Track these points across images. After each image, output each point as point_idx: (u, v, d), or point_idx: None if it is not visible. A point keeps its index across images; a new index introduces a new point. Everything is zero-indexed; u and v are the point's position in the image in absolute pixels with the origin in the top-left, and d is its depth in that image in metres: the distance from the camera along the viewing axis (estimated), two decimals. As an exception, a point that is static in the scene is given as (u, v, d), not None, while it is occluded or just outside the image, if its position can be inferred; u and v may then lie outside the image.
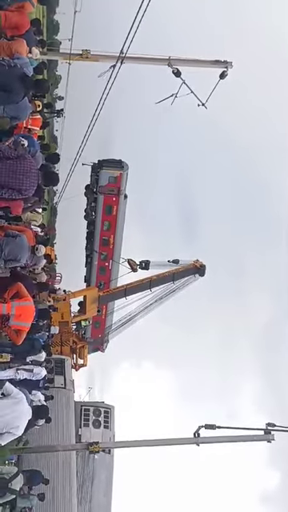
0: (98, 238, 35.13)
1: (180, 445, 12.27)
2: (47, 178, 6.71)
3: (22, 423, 6.47)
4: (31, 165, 6.32)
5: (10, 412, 6.31)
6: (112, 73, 10.73)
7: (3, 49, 8.03)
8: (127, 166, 34.61)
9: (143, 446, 12.07)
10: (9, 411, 6.29)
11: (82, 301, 28.73)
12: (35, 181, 6.32)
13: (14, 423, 6.29)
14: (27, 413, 6.65)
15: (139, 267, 29.30)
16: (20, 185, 6.18)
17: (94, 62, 15.69)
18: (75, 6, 16.12)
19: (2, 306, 7.21)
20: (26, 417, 6.60)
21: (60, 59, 17.21)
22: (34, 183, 6.31)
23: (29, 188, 6.28)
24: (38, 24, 11.15)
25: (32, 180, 6.30)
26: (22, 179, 6.17)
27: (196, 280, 30.31)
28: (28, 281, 8.43)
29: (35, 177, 6.31)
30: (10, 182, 6.13)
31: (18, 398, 6.51)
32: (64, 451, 19.20)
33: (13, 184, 6.14)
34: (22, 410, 6.49)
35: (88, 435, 25.81)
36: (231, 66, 15.42)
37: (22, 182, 6.19)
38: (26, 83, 6.44)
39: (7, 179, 6.11)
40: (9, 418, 6.24)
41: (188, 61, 15.78)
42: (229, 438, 12.26)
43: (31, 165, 6.32)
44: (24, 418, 6.53)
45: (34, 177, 6.30)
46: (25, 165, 6.24)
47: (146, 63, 15.98)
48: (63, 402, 23.15)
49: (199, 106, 16.13)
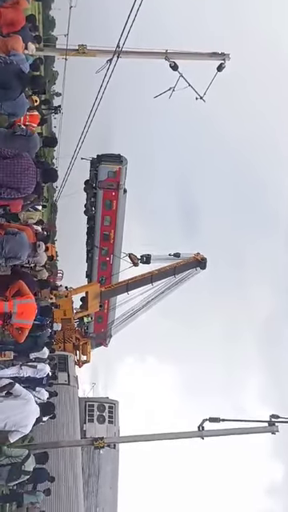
0: (99, 233, 35.12)
1: (184, 438, 12.31)
2: (46, 175, 6.69)
3: (30, 422, 6.89)
4: (29, 163, 6.28)
5: (19, 412, 6.73)
6: (109, 67, 10.66)
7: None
8: (126, 161, 34.53)
9: (148, 441, 12.10)
10: (18, 411, 6.73)
11: (84, 296, 28.72)
12: (34, 178, 6.29)
13: (23, 422, 6.72)
14: (35, 412, 7.06)
15: (140, 261, 29.31)
16: (19, 183, 6.15)
17: (90, 57, 15.60)
18: (70, 2, 16.03)
19: (4, 304, 7.19)
20: (33, 416, 7.00)
21: (56, 55, 17.11)
22: (32, 181, 6.29)
23: (28, 186, 6.25)
24: (33, 20, 11.08)
25: (30, 178, 6.27)
26: (20, 178, 6.14)
27: (197, 273, 30.31)
28: (29, 278, 8.41)
29: (33, 174, 6.28)
30: (8, 181, 6.10)
31: (26, 399, 6.94)
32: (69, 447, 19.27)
33: (11, 183, 6.11)
34: (30, 409, 6.92)
35: (93, 430, 25.93)
36: (228, 59, 15.33)
37: (20, 180, 6.16)
38: (22, 80, 6.40)
39: (5, 178, 6.08)
40: (18, 418, 6.68)
41: (185, 54, 15.69)
42: (233, 431, 12.29)
43: (29, 163, 6.28)
44: (32, 417, 6.95)
45: (33, 174, 6.27)
46: (22, 163, 6.21)
47: (143, 57, 15.89)
48: (67, 399, 23.24)
49: (197, 99, 16.06)
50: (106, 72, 10.59)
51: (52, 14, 67.31)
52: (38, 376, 11.21)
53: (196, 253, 30.41)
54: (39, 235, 9.59)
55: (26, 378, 10.60)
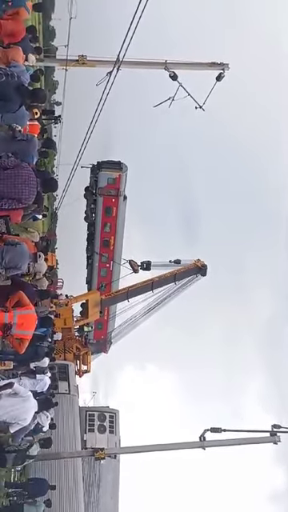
0: (99, 240, 35.13)
1: (186, 449, 12.24)
2: (46, 185, 6.70)
3: (29, 416, 7.70)
4: (29, 173, 6.29)
5: (19, 408, 7.48)
6: (109, 80, 10.72)
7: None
8: (126, 167, 34.62)
9: (149, 451, 12.04)
10: (18, 407, 7.48)
11: (84, 302, 28.65)
12: (34, 188, 6.30)
13: (22, 416, 7.51)
14: (33, 407, 7.86)
15: (140, 268, 29.22)
16: (20, 194, 6.16)
17: (90, 67, 15.74)
18: (71, 13, 16.13)
19: (4, 314, 7.16)
20: (32, 411, 7.81)
21: (57, 65, 17.26)
22: (33, 191, 6.29)
23: (28, 197, 6.26)
24: (33, 31, 11.18)
25: (31, 188, 6.27)
26: (21, 188, 6.15)
27: (198, 280, 30.22)
28: (29, 289, 8.38)
29: (34, 185, 6.29)
30: (9, 192, 6.11)
31: (25, 397, 7.67)
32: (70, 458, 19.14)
33: (12, 194, 6.11)
34: (29, 405, 7.71)
35: (93, 440, 25.76)
36: (228, 68, 15.46)
37: (21, 191, 6.17)
38: (22, 92, 6.43)
39: (6, 189, 6.09)
40: (18, 412, 7.45)
41: (184, 64, 15.82)
42: (235, 441, 12.24)
43: (29, 173, 6.29)
44: (31, 411, 7.75)
45: (33, 185, 6.28)
46: (23, 174, 6.22)
47: (143, 67, 16.03)
48: (68, 408, 23.12)
49: (197, 108, 16.16)
50: (106, 84, 10.64)
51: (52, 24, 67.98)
52: (38, 388, 11.13)
53: (196, 259, 30.34)
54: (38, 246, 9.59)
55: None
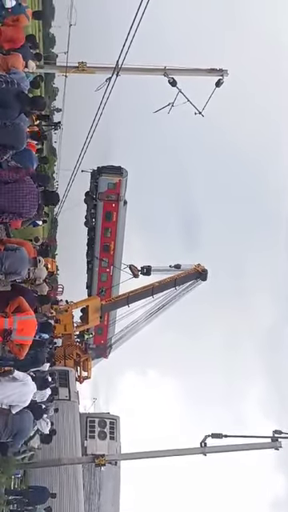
0: (99, 245, 35.14)
1: (187, 455, 12.18)
2: (47, 199, 6.74)
3: (29, 398, 8.13)
4: (31, 187, 6.33)
5: (19, 391, 7.88)
6: (108, 85, 10.77)
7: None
8: (126, 173, 34.69)
9: (150, 458, 11.98)
10: (18, 390, 7.88)
11: (85, 307, 28.60)
12: (35, 202, 6.35)
13: (22, 398, 7.94)
14: (32, 390, 8.31)
15: (141, 273, 29.19)
16: (20, 208, 6.20)
17: (90, 74, 15.80)
18: (70, 20, 16.25)
19: (4, 320, 7.15)
20: (31, 393, 8.26)
21: (57, 72, 17.34)
22: (34, 205, 6.35)
23: (29, 211, 6.32)
24: (33, 39, 11.22)
25: (32, 202, 6.33)
26: (22, 202, 6.20)
27: (198, 285, 30.20)
28: (29, 294, 8.37)
29: (35, 198, 6.33)
30: (10, 206, 6.15)
31: (24, 381, 8.02)
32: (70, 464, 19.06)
33: (13, 208, 6.15)
34: (29, 389, 8.15)
35: (94, 447, 25.63)
36: (227, 74, 15.52)
37: (22, 205, 6.22)
38: (21, 99, 6.46)
39: (7, 203, 6.12)
40: (18, 395, 7.87)
41: (183, 70, 15.89)
42: (236, 447, 12.19)
43: (31, 187, 6.33)
44: (30, 394, 8.20)
45: (35, 199, 6.32)
46: (24, 188, 6.27)
47: (142, 74, 16.09)
48: (68, 414, 23.02)
49: (196, 114, 16.22)
50: (106, 89, 10.69)
51: (52, 31, 68.32)
52: (38, 398, 11.09)
53: (196, 264, 30.33)
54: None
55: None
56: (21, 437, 9.15)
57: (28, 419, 9.65)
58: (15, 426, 9.04)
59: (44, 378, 11.18)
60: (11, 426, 8.91)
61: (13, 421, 9.13)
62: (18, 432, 9.03)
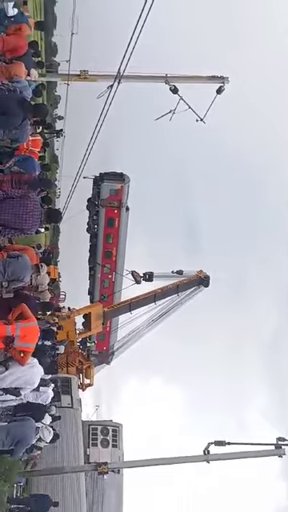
0: (101, 251, 35.14)
1: (190, 463, 12.11)
2: (50, 216, 6.80)
3: (37, 380, 8.22)
4: (34, 204, 6.39)
5: (28, 373, 7.92)
6: (110, 93, 10.84)
7: (2, 72, 8.14)
8: (128, 179, 34.76)
9: (152, 465, 11.91)
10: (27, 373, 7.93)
11: (87, 314, 28.56)
12: (38, 219, 6.42)
13: (31, 381, 8.01)
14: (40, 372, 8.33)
15: (143, 279, 29.16)
16: (23, 224, 6.27)
17: (92, 82, 15.91)
18: (72, 28, 16.40)
19: (7, 327, 7.15)
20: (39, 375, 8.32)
21: (59, 80, 17.46)
22: (36, 222, 6.42)
23: (31, 227, 6.39)
24: (36, 46, 11.33)
25: (35, 219, 6.42)
26: (25, 219, 6.28)
27: (200, 291, 30.16)
28: (32, 301, 8.39)
29: (38, 216, 6.40)
30: (12, 221, 6.20)
31: (32, 363, 8.02)
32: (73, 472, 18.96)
33: (15, 224, 6.22)
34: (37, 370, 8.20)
35: (96, 455, 25.49)
36: (228, 82, 15.61)
37: (25, 221, 6.29)
38: (24, 107, 6.51)
39: (10, 218, 6.18)
40: (27, 378, 7.90)
41: (185, 77, 15.98)
42: (239, 455, 12.12)
43: (34, 204, 6.39)
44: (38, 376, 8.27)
45: (38, 216, 6.39)
46: (28, 204, 6.32)
47: (144, 81, 16.19)
48: (71, 422, 22.93)
49: (198, 121, 16.28)
50: (107, 97, 10.75)
51: (54, 40, 68.90)
52: (40, 401, 11.06)
53: (199, 270, 30.30)
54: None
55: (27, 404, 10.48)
56: (22, 445, 9.12)
57: (30, 427, 9.62)
58: (17, 433, 9.02)
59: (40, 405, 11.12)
60: (13, 433, 8.89)
61: (15, 429, 9.11)
62: (20, 440, 9.01)
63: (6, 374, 7.30)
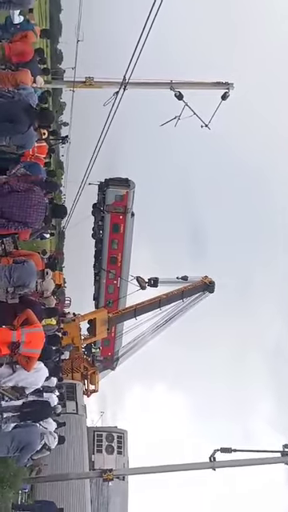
0: (106, 257, 35.13)
1: (196, 470, 12.03)
2: (55, 212, 6.78)
3: (41, 382, 8.42)
4: (39, 198, 6.37)
5: (32, 376, 8.05)
6: (115, 99, 10.89)
7: (8, 79, 8.20)
8: (134, 184, 34.79)
9: (158, 473, 11.83)
10: (31, 375, 8.05)
11: (92, 320, 28.54)
12: (43, 213, 6.38)
13: (35, 382, 8.15)
14: (45, 374, 8.53)
15: (148, 285, 29.13)
16: (26, 218, 6.22)
17: (97, 88, 16.00)
18: (78, 36, 16.53)
19: (12, 333, 7.16)
20: (44, 377, 8.50)
21: (64, 87, 17.56)
22: (41, 216, 6.38)
23: (35, 221, 6.33)
24: (41, 53, 11.40)
25: (39, 213, 6.37)
26: (29, 212, 6.23)
27: (206, 297, 30.08)
28: (37, 307, 8.39)
29: (43, 210, 6.36)
30: (16, 214, 6.18)
31: (37, 368, 8.14)
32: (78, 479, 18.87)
33: (19, 217, 6.17)
34: (42, 373, 8.36)
35: (101, 461, 25.36)
36: (233, 88, 15.65)
37: (29, 215, 6.25)
38: (30, 114, 6.54)
39: (14, 212, 6.15)
40: (32, 380, 8.05)
41: (189, 84, 16.03)
42: (245, 462, 12.02)
43: (39, 198, 6.37)
44: (43, 378, 8.44)
45: (42, 210, 6.35)
46: (33, 198, 6.30)
47: (149, 88, 16.25)
48: (76, 428, 22.85)
49: (202, 127, 16.31)
50: (113, 104, 10.81)
51: (59, 47, 69.41)
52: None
53: (204, 276, 30.24)
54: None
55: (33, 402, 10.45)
56: (27, 451, 9.09)
57: (35, 432, 9.60)
58: (22, 439, 9.00)
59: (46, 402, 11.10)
60: (18, 439, 8.87)
61: (19, 435, 9.09)
62: (25, 446, 8.99)
63: (14, 375, 7.41)
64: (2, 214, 6.10)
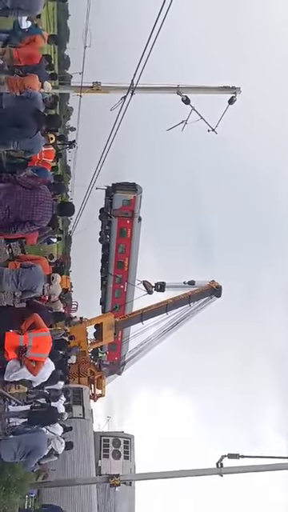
0: (113, 261, 35.15)
1: (203, 476, 11.93)
2: (62, 209, 6.71)
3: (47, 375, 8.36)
4: (46, 195, 6.31)
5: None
6: (123, 104, 10.92)
7: (16, 85, 8.25)
8: (141, 189, 34.81)
9: (165, 478, 11.75)
10: None
11: (99, 324, 28.51)
12: (49, 211, 6.30)
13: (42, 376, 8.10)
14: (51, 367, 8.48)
15: (154, 289, 29.09)
16: (33, 216, 6.14)
17: (104, 93, 16.05)
18: (85, 41, 16.60)
19: (20, 337, 7.17)
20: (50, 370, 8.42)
21: (71, 92, 17.63)
22: (47, 214, 6.29)
23: (42, 219, 6.23)
24: (49, 59, 11.45)
25: (46, 211, 6.27)
26: (35, 210, 6.13)
27: (213, 301, 29.96)
28: (44, 311, 8.40)
29: (49, 208, 6.29)
30: (23, 212, 6.11)
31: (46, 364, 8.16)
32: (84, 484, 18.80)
33: (26, 215, 6.10)
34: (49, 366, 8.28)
35: (108, 467, 25.26)
36: (239, 92, 15.63)
37: (35, 212, 6.16)
38: (38, 119, 6.54)
39: (20, 209, 6.09)
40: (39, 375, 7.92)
41: (196, 88, 16.03)
42: (253, 468, 11.92)
43: (46, 195, 6.31)
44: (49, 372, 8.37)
45: (49, 207, 6.28)
46: (39, 195, 6.24)
47: (156, 92, 16.27)
48: (82, 433, 22.77)
49: (209, 131, 16.30)
50: (121, 109, 10.83)
51: (67, 53, 69.84)
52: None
53: (211, 280, 30.13)
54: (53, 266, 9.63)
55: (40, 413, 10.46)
56: (34, 456, 9.08)
57: (42, 438, 9.59)
58: (29, 444, 8.99)
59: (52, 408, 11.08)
60: (24, 444, 8.86)
61: (26, 440, 9.08)
62: (32, 451, 8.97)
63: (23, 370, 7.40)
64: (10, 212, 6.05)
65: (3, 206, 5.98)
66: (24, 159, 9.08)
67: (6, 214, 6.01)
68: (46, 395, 12.20)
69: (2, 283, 7.29)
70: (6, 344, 7.02)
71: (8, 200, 6.05)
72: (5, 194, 6.08)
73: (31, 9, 7.73)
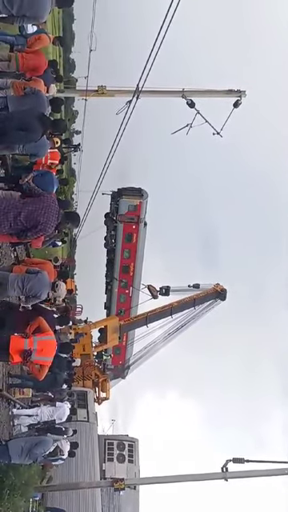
0: (118, 266, 35.16)
1: (208, 480, 11.87)
2: (69, 218, 6.71)
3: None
4: (52, 200, 6.35)
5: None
6: (128, 108, 10.93)
7: (21, 88, 8.26)
8: (147, 194, 34.81)
9: (169, 482, 11.71)
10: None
11: (103, 328, 28.52)
12: (54, 219, 6.33)
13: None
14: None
15: (159, 293, 29.09)
16: (37, 223, 6.19)
17: (109, 97, 16.09)
18: (90, 45, 16.63)
19: (24, 340, 7.17)
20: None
21: (77, 96, 17.68)
22: (52, 218, 6.31)
23: (47, 221, 6.24)
24: (55, 65, 11.47)
25: (51, 214, 6.29)
26: (41, 214, 6.17)
27: (217, 304, 29.94)
28: (49, 315, 8.40)
29: (54, 215, 6.32)
30: (28, 218, 6.15)
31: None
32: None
33: (30, 220, 6.14)
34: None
35: (112, 470, 25.21)
36: (245, 95, 15.63)
37: (41, 216, 6.19)
38: (43, 123, 6.57)
39: (26, 214, 6.13)
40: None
41: (201, 92, 16.05)
42: (258, 472, 11.84)
43: (52, 200, 6.35)
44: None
45: (54, 214, 6.32)
46: (45, 200, 6.30)
47: (161, 96, 16.30)
48: (87, 436, 22.73)
49: (214, 134, 16.31)
50: (126, 113, 10.84)
51: (72, 57, 70.18)
52: (56, 416, 11.00)
53: (216, 283, 30.10)
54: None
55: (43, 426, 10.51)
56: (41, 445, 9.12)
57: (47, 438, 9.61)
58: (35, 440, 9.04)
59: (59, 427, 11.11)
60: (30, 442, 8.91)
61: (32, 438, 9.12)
62: (39, 442, 9.05)
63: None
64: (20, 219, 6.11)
65: (14, 213, 6.05)
66: (29, 163, 9.11)
67: (18, 220, 6.07)
68: (50, 398, 12.22)
69: (8, 289, 7.30)
70: (11, 348, 7.03)
71: (18, 207, 6.11)
72: (15, 201, 6.12)
73: (37, 16, 7.72)
